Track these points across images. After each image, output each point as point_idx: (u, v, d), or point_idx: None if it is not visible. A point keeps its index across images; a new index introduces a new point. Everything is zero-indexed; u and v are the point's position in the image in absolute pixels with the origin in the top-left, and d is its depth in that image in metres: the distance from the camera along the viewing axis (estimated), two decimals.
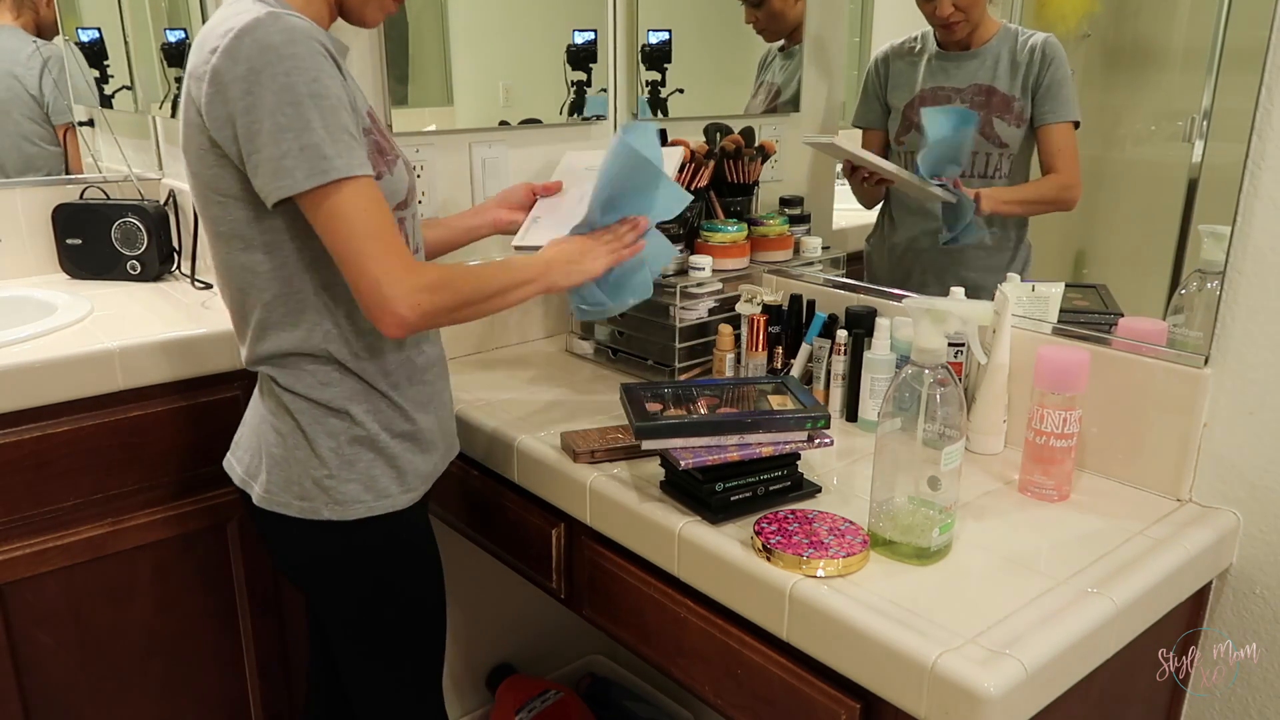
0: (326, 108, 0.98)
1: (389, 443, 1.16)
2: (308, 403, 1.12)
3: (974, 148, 1.51)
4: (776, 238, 1.62)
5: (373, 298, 1.02)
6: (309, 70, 0.98)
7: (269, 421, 1.15)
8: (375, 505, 1.15)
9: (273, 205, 1.01)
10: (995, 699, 0.82)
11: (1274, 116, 1.05)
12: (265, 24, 0.97)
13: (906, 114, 1.59)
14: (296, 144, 0.97)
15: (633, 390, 1.22)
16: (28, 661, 1.43)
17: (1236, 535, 1.15)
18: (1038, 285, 1.37)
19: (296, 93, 0.97)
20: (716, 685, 1.10)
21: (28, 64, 1.92)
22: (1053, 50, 1.44)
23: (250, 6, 1.00)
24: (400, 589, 1.22)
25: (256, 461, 1.17)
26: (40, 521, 1.40)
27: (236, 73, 0.97)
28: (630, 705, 1.99)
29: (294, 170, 0.98)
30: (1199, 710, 1.23)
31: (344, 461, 1.13)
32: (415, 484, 1.19)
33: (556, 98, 1.76)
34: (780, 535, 1.02)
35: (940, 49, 1.55)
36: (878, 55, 1.64)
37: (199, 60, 1.02)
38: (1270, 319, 1.09)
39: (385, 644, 1.23)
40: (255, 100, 0.97)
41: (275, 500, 1.14)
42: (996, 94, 1.48)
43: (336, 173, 0.99)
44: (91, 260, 1.80)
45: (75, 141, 1.96)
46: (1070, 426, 1.14)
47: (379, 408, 1.15)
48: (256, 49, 0.96)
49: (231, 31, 0.97)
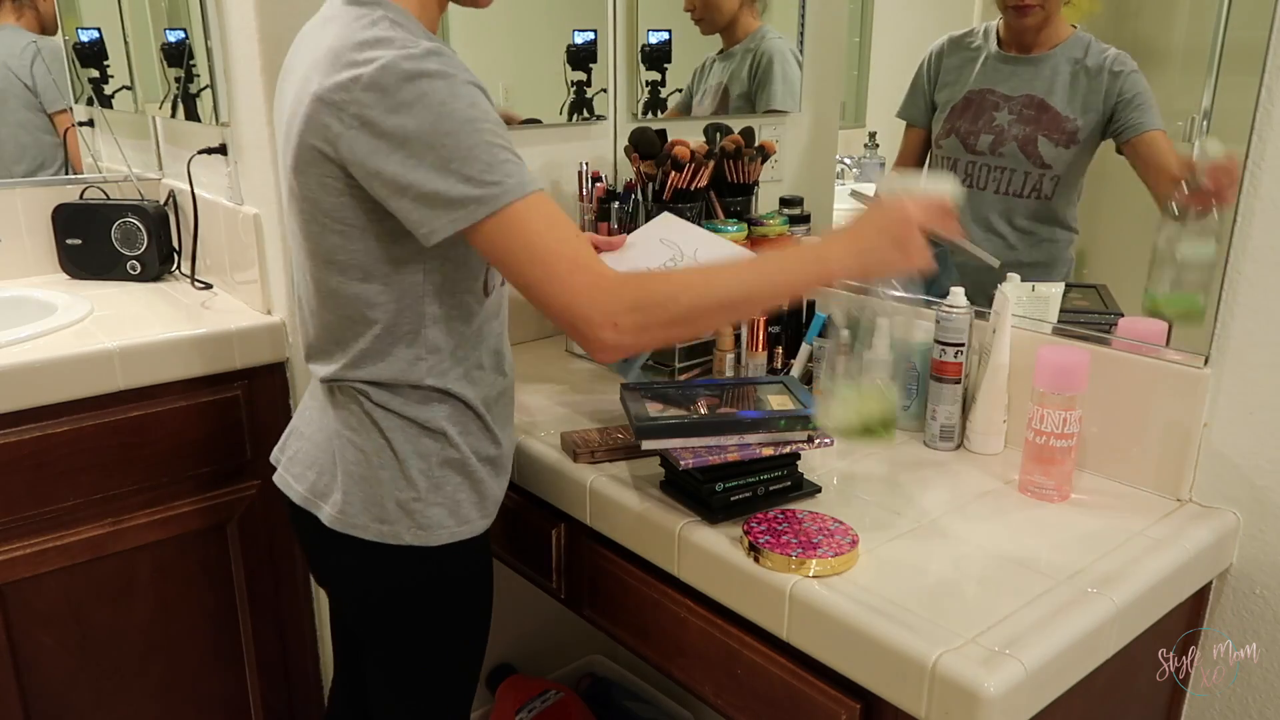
0: (487, 130, 0.92)
1: (477, 466, 1.12)
2: (403, 420, 1.07)
3: (1012, 165, 1.40)
4: (776, 238, 1.62)
5: (568, 323, 0.94)
6: (464, 95, 0.92)
7: (346, 437, 1.09)
8: (457, 531, 1.10)
9: (434, 243, 0.95)
10: (995, 699, 0.82)
11: (1274, 116, 1.05)
12: (415, 57, 0.91)
13: (952, 113, 1.47)
14: (461, 173, 0.91)
15: (633, 390, 1.22)
16: (28, 661, 1.43)
17: (1236, 535, 1.15)
18: (1038, 285, 1.36)
19: (456, 120, 0.91)
20: (716, 685, 1.10)
21: (21, 56, 1.92)
22: (1127, 64, 1.31)
23: (388, 32, 0.94)
24: (454, 616, 1.16)
25: (328, 479, 1.10)
26: (40, 521, 1.40)
27: (388, 105, 0.91)
28: (630, 705, 1.99)
29: (467, 202, 0.92)
30: (1199, 710, 1.23)
31: (433, 484, 1.09)
32: (491, 509, 1.16)
33: (556, 98, 1.76)
34: (769, 535, 1.02)
35: (1000, 48, 1.42)
36: (933, 47, 1.51)
37: (330, 84, 0.93)
38: (1270, 319, 1.09)
39: (428, 669, 1.18)
40: (410, 136, 0.91)
41: (351, 523, 1.08)
42: (1049, 110, 1.36)
43: (510, 195, 0.92)
44: (91, 260, 1.80)
45: (74, 133, 1.96)
46: (1070, 426, 1.14)
47: (472, 429, 1.11)
48: (407, 80, 0.90)
49: (376, 62, 0.91)
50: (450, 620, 1.16)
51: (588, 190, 1.68)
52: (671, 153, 1.54)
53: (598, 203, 1.65)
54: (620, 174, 1.85)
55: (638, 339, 0.94)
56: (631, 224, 1.62)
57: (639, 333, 0.94)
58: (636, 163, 1.61)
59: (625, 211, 1.63)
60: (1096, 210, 1.42)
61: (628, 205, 1.63)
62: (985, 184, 1.44)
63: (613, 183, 1.83)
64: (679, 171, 1.54)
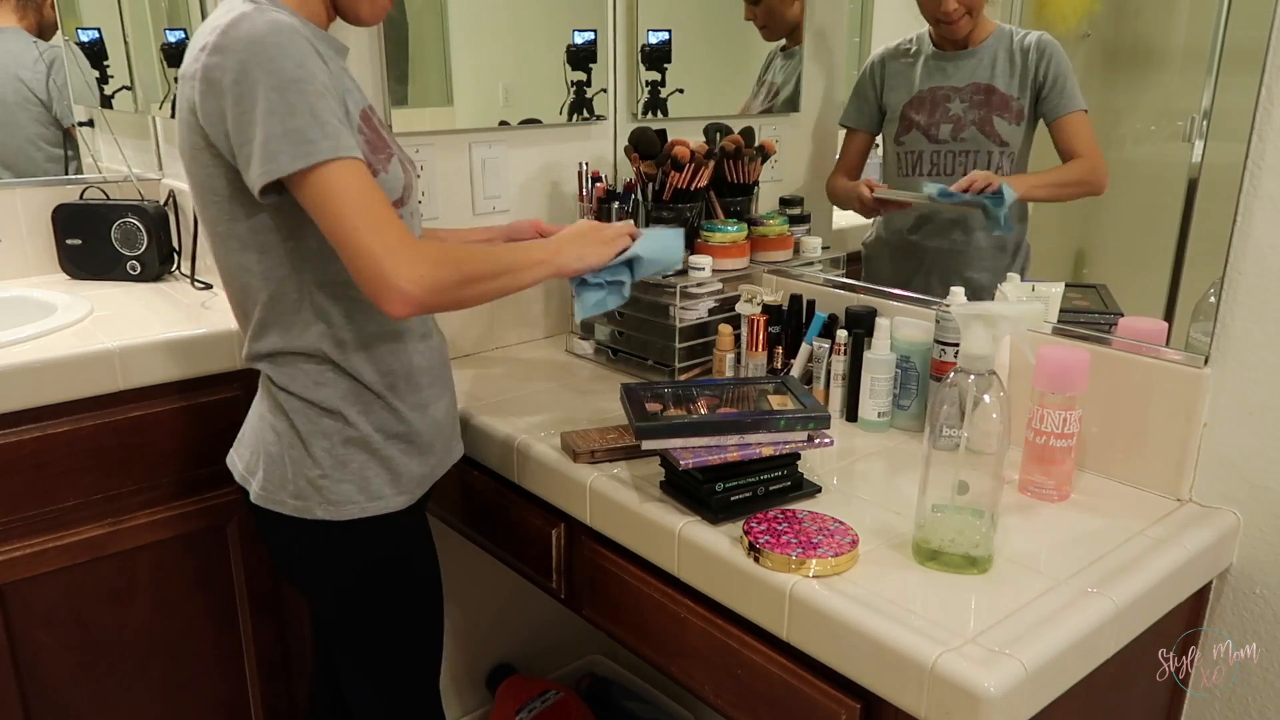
0: (311, 92, 0.98)
1: (383, 444, 1.15)
2: (302, 403, 1.12)
3: (974, 147, 1.51)
4: (776, 238, 1.62)
5: (373, 274, 0.98)
6: (294, 56, 0.98)
7: (266, 420, 1.15)
8: (368, 506, 1.15)
9: (260, 192, 1.00)
10: (995, 699, 0.82)
11: (1274, 116, 1.05)
12: (251, 17, 0.98)
13: (906, 114, 1.59)
14: (280, 128, 0.97)
15: (633, 390, 1.22)
16: (28, 661, 1.43)
17: (1236, 535, 1.15)
18: (1038, 285, 1.37)
19: (282, 78, 0.97)
20: (716, 685, 1.10)
21: (34, 68, 1.92)
22: (1049, 46, 1.44)
23: (238, 4, 1.01)
24: (393, 591, 1.21)
25: (255, 459, 1.17)
26: (40, 521, 1.40)
27: (225, 65, 0.98)
28: (630, 705, 1.99)
29: (279, 154, 0.97)
30: (1199, 710, 1.23)
31: (337, 462, 1.13)
32: (410, 486, 1.19)
33: (556, 98, 1.76)
34: (769, 535, 1.02)
35: (937, 49, 1.55)
36: (873, 58, 1.64)
37: (190, 60, 1.03)
38: (1270, 319, 1.09)
39: (378, 647, 1.23)
40: (243, 90, 0.97)
41: (271, 498, 1.15)
42: (996, 92, 1.48)
43: (322, 154, 0.97)
44: (91, 260, 1.80)
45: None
46: (1070, 426, 1.14)
47: (373, 409, 1.14)
48: (243, 42, 0.97)
49: (219, 28, 0.98)
50: (385, 593, 1.21)
51: (588, 190, 1.68)
52: (671, 153, 1.54)
53: (598, 203, 1.65)
54: (620, 174, 1.85)
55: (434, 295, 1.01)
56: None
57: (436, 289, 1.01)
58: (636, 163, 1.61)
59: (625, 211, 1.63)
60: (1096, 210, 1.42)
61: (627, 205, 1.63)
62: (953, 169, 1.55)
63: (613, 183, 1.83)
64: (679, 171, 1.54)
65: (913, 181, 1.58)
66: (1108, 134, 1.40)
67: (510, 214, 1.73)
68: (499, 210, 1.72)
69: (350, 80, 1.12)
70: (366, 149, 1.07)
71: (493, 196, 1.72)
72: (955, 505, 1.00)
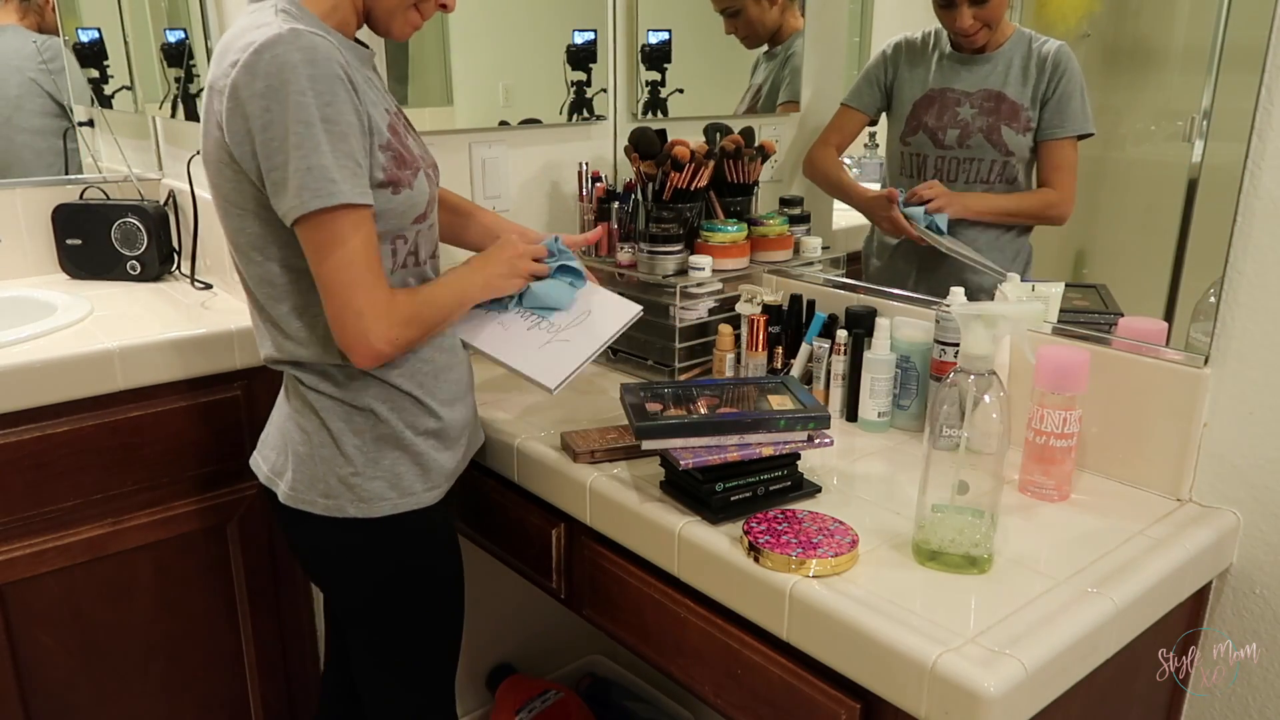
0: (336, 133, 0.99)
1: (414, 440, 1.16)
2: (333, 401, 1.13)
3: (979, 154, 1.50)
4: (776, 238, 1.62)
5: (354, 330, 1.04)
6: (324, 94, 0.98)
7: (294, 419, 1.16)
8: (400, 503, 1.16)
9: (291, 224, 1.02)
10: (995, 699, 0.82)
11: (1274, 116, 1.05)
12: (286, 40, 0.97)
13: (914, 113, 1.57)
14: (305, 163, 0.98)
15: (633, 390, 1.22)
16: (28, 661, 1.43)
17: (1236, 535, 1.15)
18: (1038, 285, 1.37)
19: (310, 114, 0.97)
20: (716, 685, 1.10)
21: (35, 59, 1.92)
22: (1064, 61, 1.41)
23: (272, 19, 1.00)
24: (421, 587, 1.22)
25: (282, 459, 1.18)
26: (40, 521, 1.40)
27: (255, 89, 0.98)
28: (630, 705, 1.99)
29: (303, 189, 0.99)
30: (1199, 710, 1.23)
31: (369, 459, 1.14)
32: (440, 481, 1.20)
33: (556, 98, 1.76)
34: (769, 535, 1.02)
35: (953, 49, 1.53)
36: (889, 45, 1.61)
37: (219, 73, 1.02)
38: (1270, 319, 1.09)
39: (403, 642, 1.23)
40: (272, 119, 0.98)
41: (300, 498, 1.15)
42: (1006, 101, 1.46)
43: (342, 197, 0.99)
44: (91, 260, 1.80)
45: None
46: (1070, 426, 1.14)
47: (404, 405, 1.15)
48: (275, 66, 0.97)
49: (252, 46, 0.98)
50: (414, 590, 1.21)
51: (588, 190, 1.68)
52: (671, 153, 1.54)
53: (598, 203, 1.65)
54: (620, 174, 1.85)
55: (399, 351, 1.08)
56: (631, 224, 1.62)
57: (403, 347, 1.08)
58: (636, 163, 1.61)
59: (625, 211, 1.63)
60: (1097, 210, 1.42)
61: (627, 205, 1.63)
62: (956, 176, 1.53)
63: (612, 183, 1.83)
64: (679, 171, 1.54)
65: (914, 183, 1.57)
66: (1108, 134, 1.40)
67: (510, 214, 1.73)
68: (499, 210, 1.71)
69: (378, 86, 1.13)
70: (393, 166, 1.07)
71: (493, 196, 1.72)
72: (955, 505, 1.00)
